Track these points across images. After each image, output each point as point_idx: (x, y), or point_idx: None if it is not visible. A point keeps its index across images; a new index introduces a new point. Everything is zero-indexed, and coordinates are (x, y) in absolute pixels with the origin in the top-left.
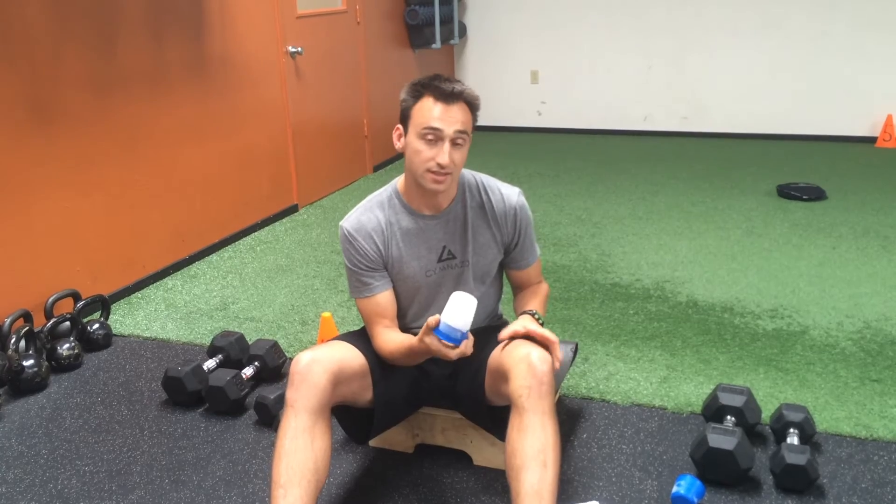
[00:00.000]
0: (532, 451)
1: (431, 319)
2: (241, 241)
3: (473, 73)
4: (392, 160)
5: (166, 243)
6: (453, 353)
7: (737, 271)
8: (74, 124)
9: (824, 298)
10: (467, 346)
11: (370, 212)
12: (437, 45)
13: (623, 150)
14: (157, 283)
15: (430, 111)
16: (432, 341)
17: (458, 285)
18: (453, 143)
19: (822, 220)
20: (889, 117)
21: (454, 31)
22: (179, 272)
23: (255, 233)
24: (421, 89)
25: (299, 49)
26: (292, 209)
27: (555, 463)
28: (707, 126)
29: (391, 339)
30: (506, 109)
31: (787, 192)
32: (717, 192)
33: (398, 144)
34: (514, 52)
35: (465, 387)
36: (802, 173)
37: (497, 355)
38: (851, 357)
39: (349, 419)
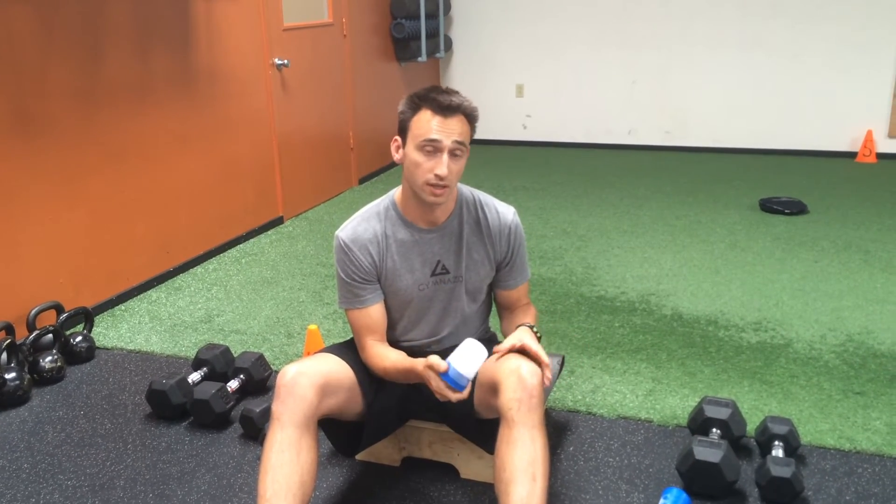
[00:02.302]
0: (521, 464)
1: (440, 365)
2: (226, 254)
3: (459, 86)
4: (378, 172)
5: (151, 255)
6: (454, 397)
7: (721, 284)
8: (60, 136)
9: (807, 312)
10: (467, 393)
11: (366, 222)
12: (423, 58)
13: (607, 164)
14: (141, 296)
15: (428, 123)
16: (433, 378)
17: (451, 301)
18: (451, 154)
19: (804, 234)
20: (869, 133)
21: (440, 44)
22: (164, 284)
23: (241, 245)
24: (419, 101)
25: (285, 61)
26: (278, 221)
27: (544, 476)
28: (690, 141)
29: (385, 355)
30: (491, 123)
31: (770, 207)
32: (701, 205)
33: (397, 156)
34: (499, 65)
35: (455, 403)
36: (784, 188)
37: (487, 368)
38: (835, 370)
39: (337, 432)
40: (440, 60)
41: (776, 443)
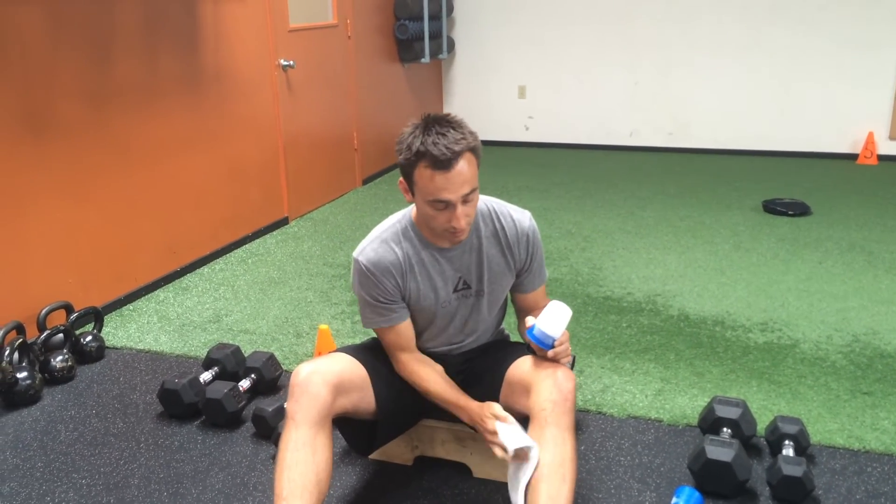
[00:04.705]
0: (553, 464)
1: (504, 415)
2: (232, 254)
3: (461, 87)
4: (381, 173)
5: (158, 255)
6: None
7: (726, 285)
8: (69, 136)
9: (813, 312)
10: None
11: (386, 245)
12: (426, 59)
13: (610, 165)
14: (149, 296)
15: (431, 181)
16: (489, 430)
17: (472, 313)
18: (463, 201)
19: (807, 236)
20: (870, 135)
21: (443, 45)
22: (171, 284)
23: (247, 245)
24: (416, 158)
25: (291, 62)
26: (283, 221)
27: (572, 479)
28: (692, 142)
29: (428, 377)
30: (493, 124)
31: (773, 208)
32: (704, 207)
33: (407, 197)
34: (501, 67)
35: (478, 399)
36: (787, 189)
37: (518, 369)
38: (842, 370)
39: (351, 431)
40: (443, 61)
41: (786, 442)
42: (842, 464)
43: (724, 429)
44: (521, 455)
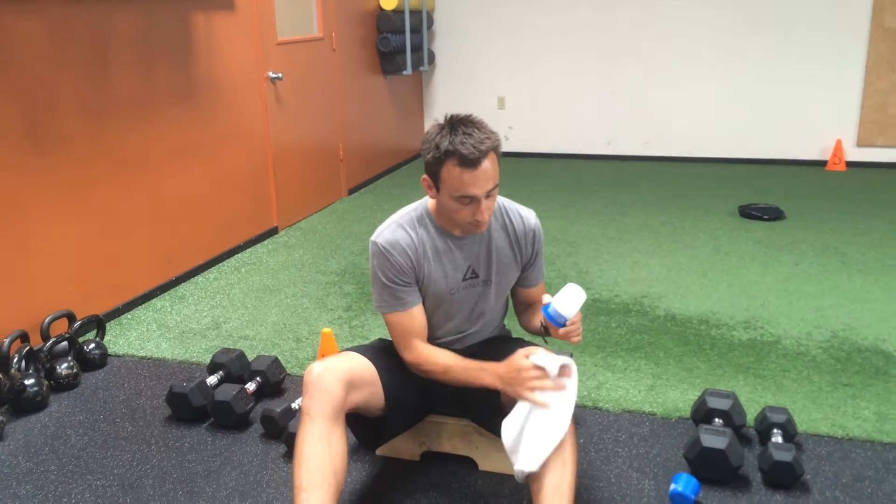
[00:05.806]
0: (554, 450)
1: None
2: (225, 263)
3: (442, 98)
4: (366, 183)
5: (154, 264)
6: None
7: (708, 286)
8: (69, 149)
9: (792, 311)
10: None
11: (401, 229)
12: (408, 71)
13: (589, 174)
14: (146, 304)
15: (459, 178)
16: (523, 359)
17: (479, 303)
18: (487, 196)
19: (783, 239)
20: (838, 142)
21: (424, 58)
22: (167, 293)
23: (238, 254)
24: (444, 156)
25: (279, 75)
26: (272, 231)
27: (573, 463)
28: (668, 150)
29: (444, 354)
30: None
31: (749, 213)
32: (683, 212)
33: (430, 193)
34: (481, 78)
35: (481, 393)
36: (761, 195)
37: None
38: (823, 364)
39: (360, 427)
40: (424, 73)
41: (775, 430)
42: (827, 450)
43: (716, 419)
44: (565, 372)
